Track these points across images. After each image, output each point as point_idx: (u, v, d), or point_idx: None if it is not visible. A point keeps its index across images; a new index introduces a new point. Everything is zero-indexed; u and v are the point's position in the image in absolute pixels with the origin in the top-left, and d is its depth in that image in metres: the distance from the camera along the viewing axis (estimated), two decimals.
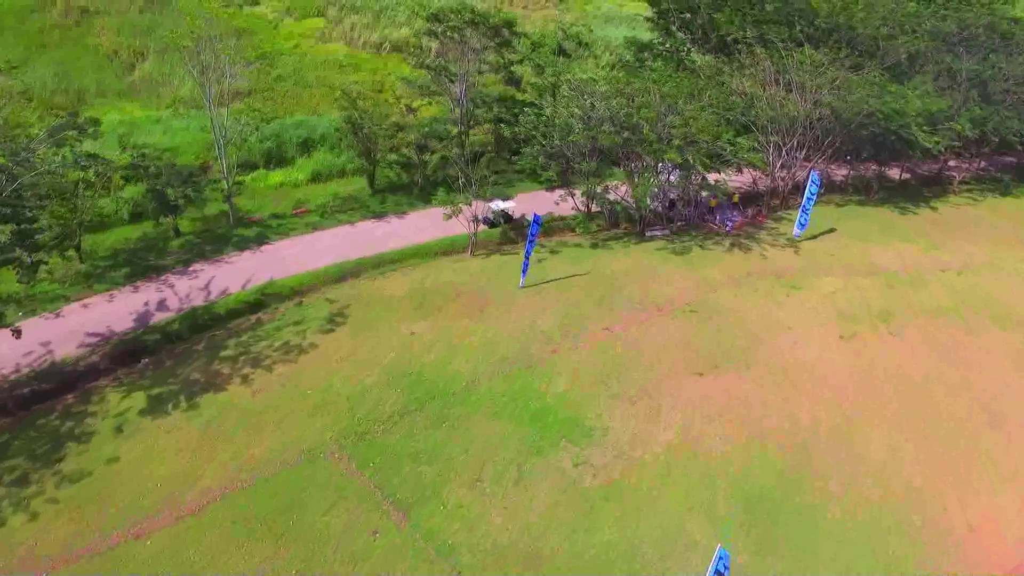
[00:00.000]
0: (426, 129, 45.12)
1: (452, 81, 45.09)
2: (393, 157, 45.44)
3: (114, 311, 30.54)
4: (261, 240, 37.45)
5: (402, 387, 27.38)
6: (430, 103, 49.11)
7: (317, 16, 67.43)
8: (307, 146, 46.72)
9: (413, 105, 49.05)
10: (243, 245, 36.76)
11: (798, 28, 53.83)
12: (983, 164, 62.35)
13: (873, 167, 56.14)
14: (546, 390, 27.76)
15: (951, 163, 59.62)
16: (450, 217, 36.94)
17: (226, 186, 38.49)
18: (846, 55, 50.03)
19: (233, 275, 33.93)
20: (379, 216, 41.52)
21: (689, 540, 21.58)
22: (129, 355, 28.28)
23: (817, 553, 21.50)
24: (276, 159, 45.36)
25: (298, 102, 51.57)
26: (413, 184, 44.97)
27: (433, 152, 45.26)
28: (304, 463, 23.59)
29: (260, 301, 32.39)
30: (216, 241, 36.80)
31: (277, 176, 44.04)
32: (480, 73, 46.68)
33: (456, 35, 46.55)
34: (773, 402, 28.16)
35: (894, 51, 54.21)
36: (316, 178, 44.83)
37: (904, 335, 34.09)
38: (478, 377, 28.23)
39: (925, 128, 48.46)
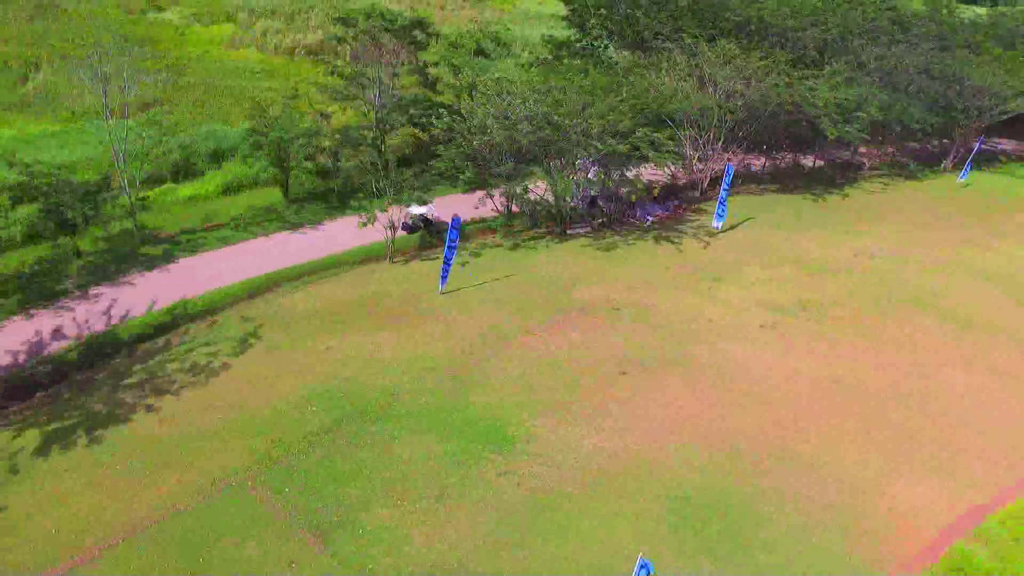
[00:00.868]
0: (338, 136, 43.96)
1: (366, 86, 44.04)
2: (308, 165, 44.22)
3: (3, 343, 28.65)
4: (169, 258, 35.81)
5: (320, 406, 26.39)
6: (345, 108, 47.95)
7: (227, 22, 65.39)
8: (218, 157, 44.96)
9: (328, 111, 47.84)
10: (150, 264, 35.07)
11: (711, 22, 54.50)
12: (890, 150, 64.42)
13: (788, 156, 57.42)
14: (469, 400, 27.15)
15: (861, 150, 61.38)
16: (365, 225, 36.00)
17: (129, 202, 36.70)
18: (758, 47, 50.90)
19: (138, 296, 32.30)
20: (295, 227, 40.20)
21: (617, 547, 21.23)
22: (21, 389, 26.49)
23: (747, 550, 21.40)
24: (185, 172, 43.50)
25: (208, 111, 49.74)
26: (330, 192, 43.84)
27: (349, 159, 44.20)
28: (216, 494, 22.42)
29: (168, 323, 30.89)
30: (120, 261, 35.02)
31: (186, 189, 42.23)
32: (395, 76, 45.71)
33: (368, 39, 45.54)
34: (701, 399, 28.14)
35: (804, 43, 55.39)
36: (228, 190, 43.15)
37: (827, 322, 34.64)
38: (399, 390, 27.45)
39: (836, 117, 49.59)
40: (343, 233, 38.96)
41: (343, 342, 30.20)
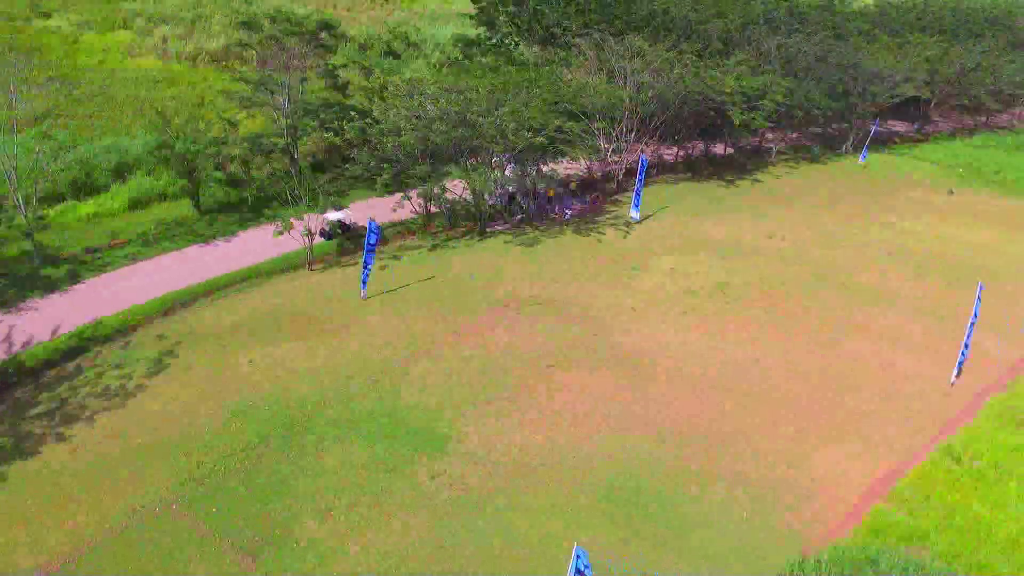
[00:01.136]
0: (247, 144, 42.82)
1: (275, 92, 43.06)
2: (218, 175, 43.00)
3: None
4: (74, 278, 34.24)
5: (243, 422, 25.71)
6: (254, 115, 46.80)
7: (122, 29, 62.85)
8: (121, 171, 43.23)
9: (236, 118, 46.58)
10: (52, 286, 33.47)
11: (618, 17, 55.39)
12: (795, 135, 66.94)
13: (700, 145, 58.89)
14: (396, 404, 26.91)
15: (768, 136, 63.46)
16: (281, 234, 35.26)
17: (26, 222, 34.93)
18: (664, 40, 52.02)
19: (42, 321, 30.79)
20: (208, 239, 39.01)
21: (553, 540, 21.36)
22: None
23: (679, 530, 21.84)
24: (86, 188, 41.63)
25: (107, 123, 47.70)
26: (243, 202, 42.73)
27: (261, 167, 43.17)
28: (137, 522, 21.58)
29: (77, 347, 29.51)
30: (19, 285, 33.30)
31: (88, 207, 40.41)
32: (304, 80, 44.87)
33: (274, 43, 44.54)
34: (627, 388, 28.59)
35: (708, 35, 56.88)
36: (134, 205, 41.50)
37: (743, 304, 35.69)
38: (324, 400, 26.99)
39: (742, 105, 51.13)
40: (259, 243, 38.04)
41: (265, 354, 29.50)
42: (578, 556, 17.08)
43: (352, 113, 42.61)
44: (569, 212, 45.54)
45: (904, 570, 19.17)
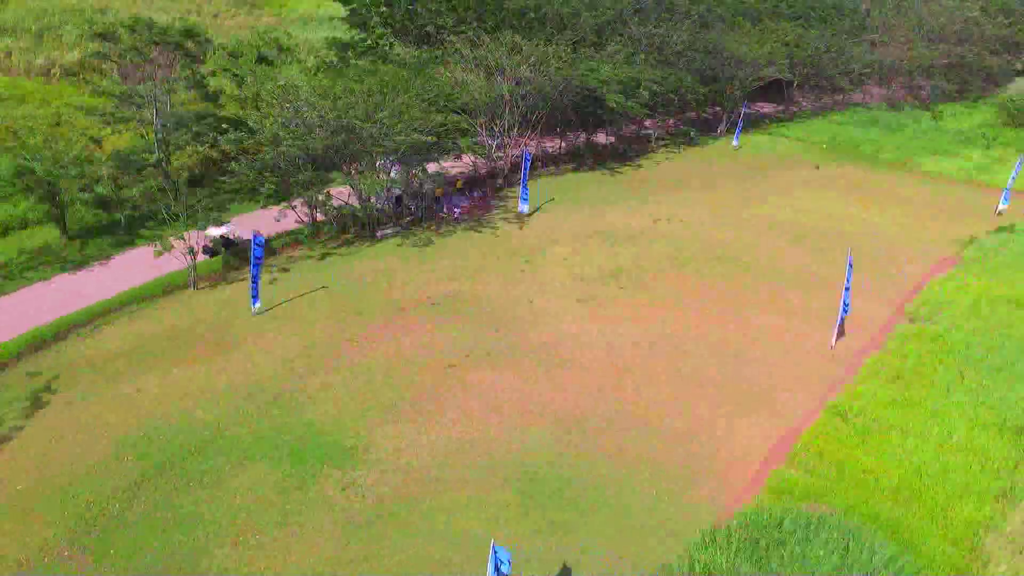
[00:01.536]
0: (114, 162, 40.53)
1: (140, 105, 40.94)
2: (85, 197, 40.47)
3: None
4: None
5: (135, 455, 24.32)
6: (120, 131, 44.34)
7: None
8: None
9: (100, 135, 44.01)
10: None
11: (492, 13, 55.68)
12: (672, 121, 69.33)
13: (582, 136, 60.08)
14: (299, 419, 26.14)
15: (647, 123, 65.42)
16: (162, 254, 33.63)
17: None
18: (539, 35, 52.67)
19: None
20: (79, 266, 36.69)
21: (471, 538, 21.27)
22: None
23: (597, 517, 22.15)
24: None
25: None
26: (115, 223, 40.44)
27: (132, 185, 40.94)
28: (27, 574, 20.10)
29: None
30: None
31: None
32: (172, 92, 42.88)
33: (136, 54, 42.32)
34: (533, 380, 28.80)
35: (582, 27, 58.00)
36: None
37: (637, 287, 36.65)
38: (222, 423, 25.89)
39: (619, 93, 52.49)
40: (138, 265, 36.13)
41: (154, 381, 28.04)
42: (496, 554, 17.10)
43: (224, 125, 40.93)
44: (458, 210, 45.50)
45: (806, 527, 20.15)
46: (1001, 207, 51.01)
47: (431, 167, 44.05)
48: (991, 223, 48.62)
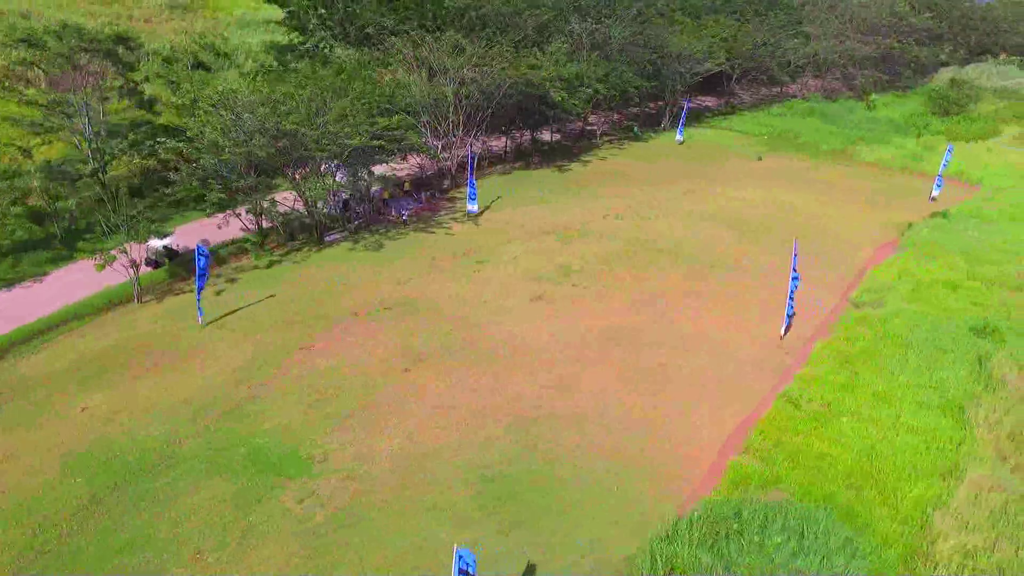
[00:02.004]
0: (45, 174, 39.06)
1: (72, 115, 39.62)
2: (17, 211, 39.04)
3: None
4: None
5: (85, 475, 23.57)
6: (51, 141, 42.85)
7: None
8: None
9: (29, 146, 42.42)
10: None
11: (433, 14, 55.37)
12: (616, 117, 69.95)
13: (527, 134, 60.20)
14: (253, 431, 25.63)
15: (591, 119, 65.89)
16: (103, 267, 32.62)
17: None
18: (480, 34, 52.55)
19: None
20: (13, 283, 35.36)
21: (434, 542, 21.14)
22: None
23: (557, 514, 22.18)
24: None
25: None
26: (51, 237, 39.08)
27: (67, 197, 39.61)
28: None
29: None
30: None
31: None
32: (105, 100, 41.60)
33: (65, 61, 40.93)
34: (489, 380, 28.72)
35: (522, 25, 58.08)
36: None
37: (588, 283, 36.86)
38: (174, 438, 25.25)
39: (563, 91, 52.74)
40: (77, 280, 35.04)
41: (101, 398, 27.19)
42: (460, 557, 17.03)
43: (162, 138, 39.75)
44: (406, 213, 45.15)
45: (763, 516, 20.55)
46: (934, 193, 52.77)
47: (378, 169, 43.63)
48: (926, 209, 50.26)
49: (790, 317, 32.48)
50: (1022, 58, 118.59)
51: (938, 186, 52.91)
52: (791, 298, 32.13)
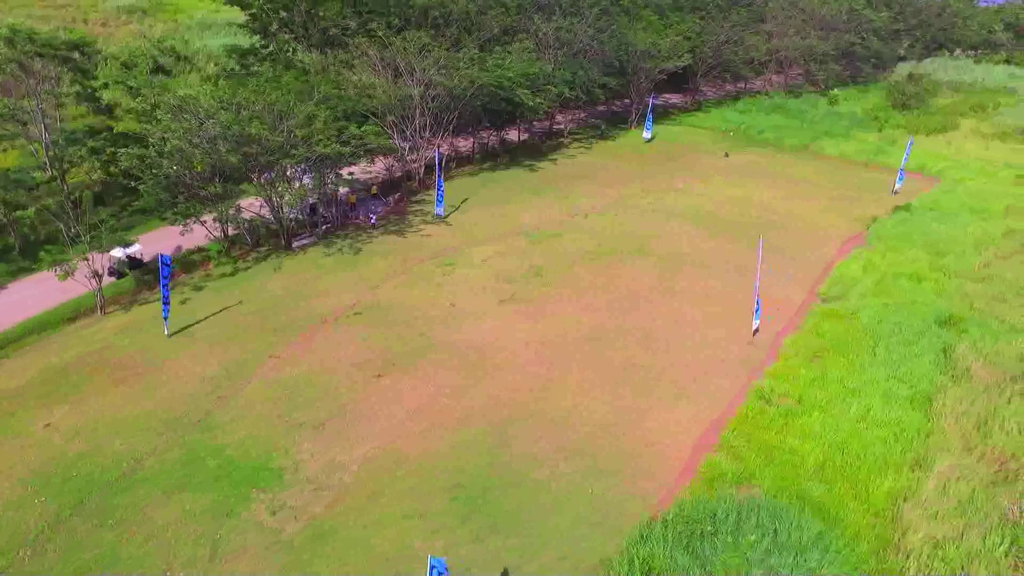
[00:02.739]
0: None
1: (26, 122, 38.66)
2: None
3: None
4: None
5: (49, 494, 22.97)
6: (5, 150, 41.77)
7: None
8: None
9: None
10: None
11: (397, 14, 54.91)
12: (583, 114, 70.02)
13: (494, 134, 60.00)
14: (223, 442, 25.19)
15: (558, 117, 65.90)
16: (66, 277, 31.87)
17: None
18: (445, 34, 52.25)
19: None
20: None
21: (410, 550, 20.97)
22: None
23: (534, 520, 22.11)
24: None
25: None
26: (10, 248, 38.10)
27: (24, 207, 38.61)
28: None
29: None
30: None
31: None
32: (62, 106, 40.65)
33: (17, 67, 39.92)
34: (461, 385, 28.55)
35: (488, 24, 57.85)
36: None
37: (558, 284, 36.82)
38: (142, 453, 24.73)
39: (527, 91, 52.61)
40: (38, 293, 34.24)
41: (64, 414, 26.54)
42: (433, 566, 16.90)
43: (123, 147, 38.85)
44: (374, 216, 44.71)
45: (737, 514, 20.67)
46: (897, 187, 53.60)
47: (346, 171, 43.17)
48: (889, 202, 51.02)
49: (759, 313, 32.71)
50: (975, 52, 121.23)
51: (900, 179, 53.75)
52: (757, 297, 32.34)
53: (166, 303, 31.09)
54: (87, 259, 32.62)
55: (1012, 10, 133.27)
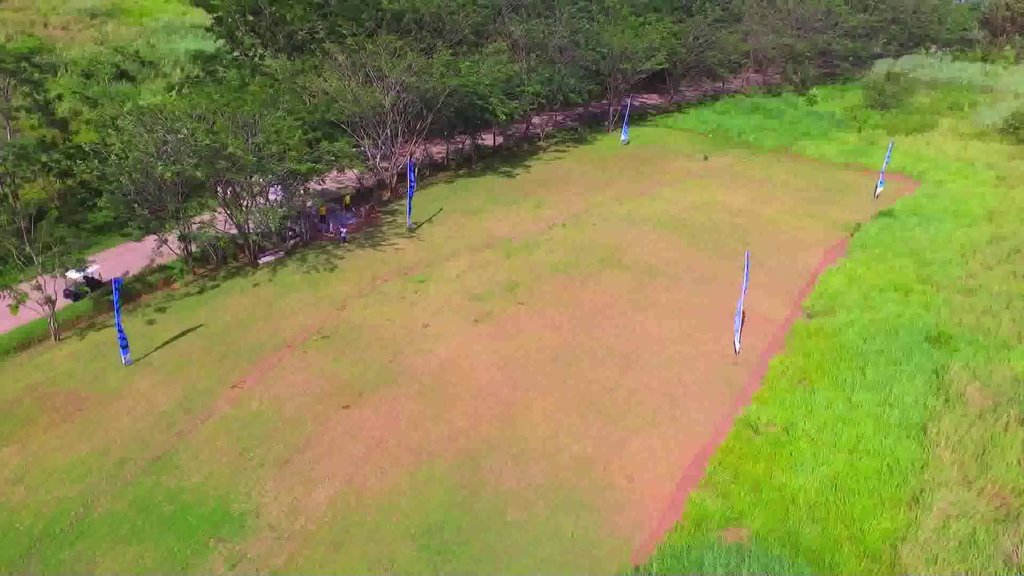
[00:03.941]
0: None
1: None
2: None
3: None
4: None
5: None
6: None
7: None
8: None
9: None
10: None
11: (366, 17, 53.24)
12: (560, 117, 68.70)
13: (468, 139, 58.54)
14: (180, 485, 23.65)
15: (535, 120, 64.52)
16: (17, 307, 30.06)
17: None
18: (416, 38, 50.67)
19: None
20: None
21: None
22: None
23: (506, 565, 20.85)
24: None
25: None
26: None
27: None
28: None
29: None
30: None
31: None
32: (14, 118, 38.65)
33: None
34: (430, 417, 27.10)
35: (459, 26, 56.31)
36: None
37: (533, 300, 35.47)
38: (92, 497, 23.15)
39: (503, 96, 51.19)
40: None
41: (8, 455, 24.84)
42: None
43: (78, 155, 37.00)
44: (344, 229, 43.05)
45: (726, 564, 19.43)
46: (878, 190, 52.76)
47: (316, 184, 41.55)
48: (871, 206, 50.13)
49: (741, 332, 31.56)
50: (951, 50, 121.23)
51: (882, 182, 52.94)
52: (741, 312, 31.20)
53: (121, 331, 29.34)
54: (38, 285, 30.78)
55: (987, 7, 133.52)
